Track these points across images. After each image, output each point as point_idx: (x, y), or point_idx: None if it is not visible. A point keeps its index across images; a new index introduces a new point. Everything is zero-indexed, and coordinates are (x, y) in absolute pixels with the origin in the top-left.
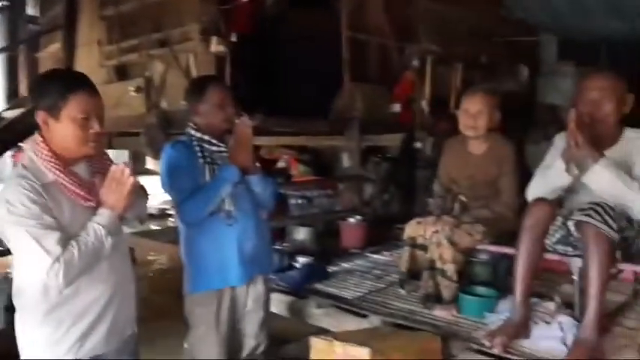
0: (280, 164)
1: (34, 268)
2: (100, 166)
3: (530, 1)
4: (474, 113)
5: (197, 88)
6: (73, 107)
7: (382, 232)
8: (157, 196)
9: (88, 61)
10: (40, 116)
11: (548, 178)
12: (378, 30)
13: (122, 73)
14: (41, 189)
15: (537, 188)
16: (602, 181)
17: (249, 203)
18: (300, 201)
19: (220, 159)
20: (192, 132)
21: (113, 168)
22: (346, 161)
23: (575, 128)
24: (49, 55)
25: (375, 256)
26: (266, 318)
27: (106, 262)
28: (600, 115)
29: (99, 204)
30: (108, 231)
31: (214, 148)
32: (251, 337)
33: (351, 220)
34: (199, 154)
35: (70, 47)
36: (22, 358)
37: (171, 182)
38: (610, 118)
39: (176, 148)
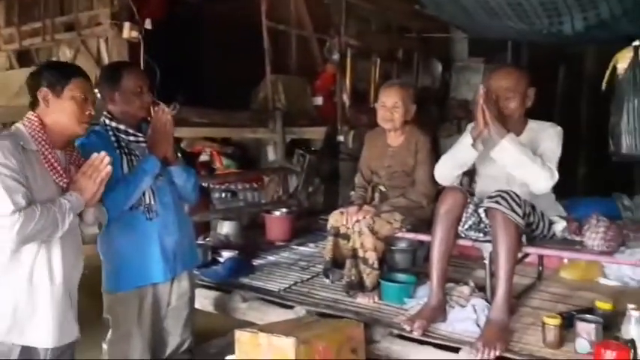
0: (203, 157)
1: None
2: (74, 159)
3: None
4: (390, 106)
5: (111, 74)
6: (76, 86)
7: (307, 224)
8: None
9: None
10: (41, 93)
11: (456, 154)
12: (299, 22)
13: (25, 58)
14: (22, 151)
15: (444, 165)
16: (508, 155)
17: (170, 196)
18: (224, 194)
19: (138, 149)
20: (107, 121)
21: (94, 155)
22: (271, 154)
23: (483, 105)
24: None
25: (301, 248)
26: (190, 315)
27: (59, 248)
28: (507, 111)
29: (68, 188)
30: (71, 208)
31: (131, 138)
32: (175, 335)
33: (276, 212)
34: (115, 145)
35: None
36: None
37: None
38: (515, 112)
39: (89, 138)
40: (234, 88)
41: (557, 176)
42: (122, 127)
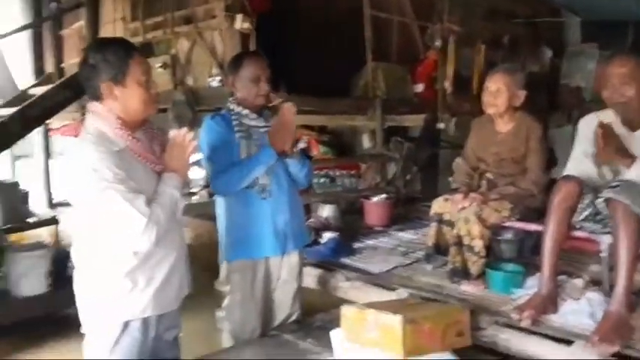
0: (301, 145)
1: (125, 230)
2: (151, 134)
3: None
4: (493, 91)
5: (234, 62)
6: (136, 70)
7: (405, 211)
8: None
9: None
10: (104, 89)
11: (578, 166)
12: (400, 9)
13: (147, 50)
14: (117, 156)
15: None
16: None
17: (284, 179)
18: (322, 180)
19: (256, 134)
20: (232, 106)
21: (173, 133)
22: (366, 142)
23: (601, 143)
24: (73, 32)
25: (400, 233)
26: (299, 290)
27: (172, 224)
28: (624, 99)
29: (163, 169)
30: (180, 193)
31: (252, 123)
32: (285, 307)
33: (375, 198)
34: (236, 128)
35: (93, 24)
36: (86, 323)
37: (207, 154)
38: (634, 102)
39: (215, 120)
40: (334, 77)
41: None
42: (245, 112)
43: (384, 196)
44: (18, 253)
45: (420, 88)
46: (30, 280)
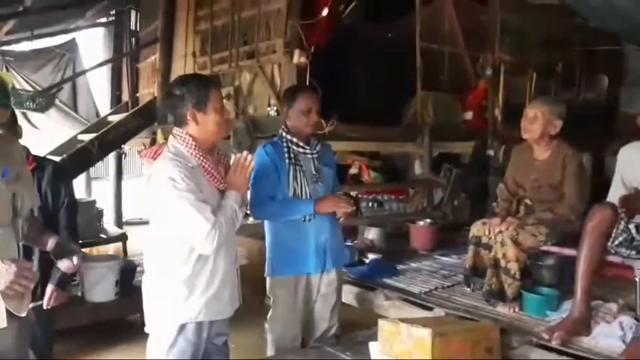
0: (352, 170)
1: (193, 235)
2: (218, 158)
3: (602, 10)
4: (530, 118)
5: (289, 95)
6: (215, 99)
7: (452, 237)
8: None
9: (183, 71)
10: (190, 114)
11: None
12: (452, 40)
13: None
14: (190, 171)
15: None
16: None
17: None
18: (371, 204)
19: (304, 160)
20: (284, 134)
21: (237, 156)
22: (418, 168)
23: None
24: (148, 65)
25: (444, 258)
26: (337, 304)
27: (226, 239)
28: None
29: (225, 187)
30: (239, 207)
31: (300, 150)
32: (324, 320)
33: (420, 222)
34: (286, 155)
35: (167, 58)
36: (150, 323)
37: (254, 180)
38: None
39: (266, 148)
40: (387, 106)
41: None
42: (295, 139)
43: (429, 220)
44: (91, 262)
45: (469, 115)
46: (101, 287)
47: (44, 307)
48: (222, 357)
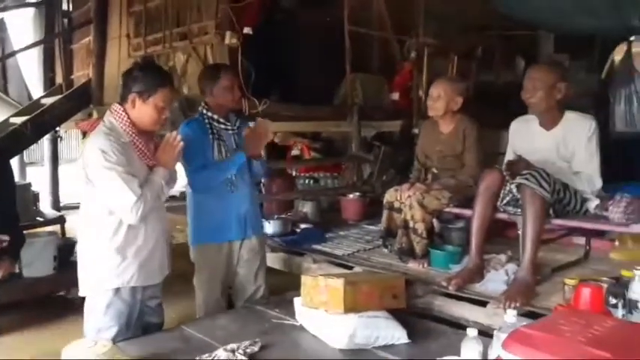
0: (294, 152)
1: (119, 205)
2: (150, 136)
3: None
4: (434, 97)
5: (211, 74)
6: (160, 97)
7: (379, 208)
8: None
9: (117, 52)
10: (130, 96)
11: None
12: (381, 25)
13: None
14: (122, 146)
15: None
16: None
17: (247, 175)
18: (307, 181)
19: (226, 135)
20: (204, 111)
21: (168, 134)
22: (355, 148)
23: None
24: (82, 47)
25: (370, 227)
26: (262, 267)
27: (155, 211)
28: (534, 99)
29: (154, 164)
30: (165, 182)
31: (222, 126)
32: (250, 283)
33: (350, 195)
34: (209, 131)
35: (101, 40)
36: (84, 287)
37: (184, 155)
38: (542, 103)
39: (190, 125)
40: (320, 87)
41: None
42: (215, 116)
43: (358, 194)
44: (30, 239)
45: (396, 96)
46: (39, 263)
47: None
48: (157, 318)
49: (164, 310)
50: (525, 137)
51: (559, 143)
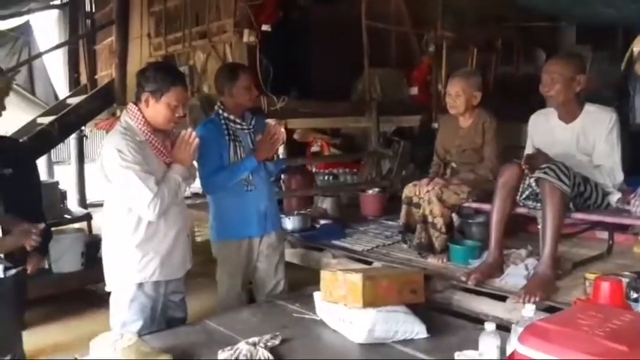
0: (314, 148)
1: (136, 203)
2: (166, 133)
3: None
4: (453, 95)
5: (229, 73)
6: (172, 96)
7: (399, 203)
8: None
9: (139, 52)
10: (144, 96)
11: None
12: (399, 19)
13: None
14: (138, 145)
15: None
16: None
17: (264, 173)
18: (326, 177)
19: (242, 135)
20: (220, 111)
21: (183, 132)
22: (374, 143)
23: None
24: (105, 47)
25: (389, 222)
26: (281, 262)
27: (175, 208)
28: (552, 92)
29: (171, 161)
30: (182, 179)
31: (238, 126)
32: (270, 277)
33: (369, 191)
34: (225, 132)
35: (123, 40)
36: (110, 282)
37: (199, 158)
38: (560, 96)
39: (206, 127)
40: (338, 83)
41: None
42: (232, 116)
43: (377, 189)
44: (58, 235)
45: (415, 90)
46: (67, 259)
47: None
48: (180, 312)
49: (187, 304)
50: (545, 130)
51: (579, 136)
